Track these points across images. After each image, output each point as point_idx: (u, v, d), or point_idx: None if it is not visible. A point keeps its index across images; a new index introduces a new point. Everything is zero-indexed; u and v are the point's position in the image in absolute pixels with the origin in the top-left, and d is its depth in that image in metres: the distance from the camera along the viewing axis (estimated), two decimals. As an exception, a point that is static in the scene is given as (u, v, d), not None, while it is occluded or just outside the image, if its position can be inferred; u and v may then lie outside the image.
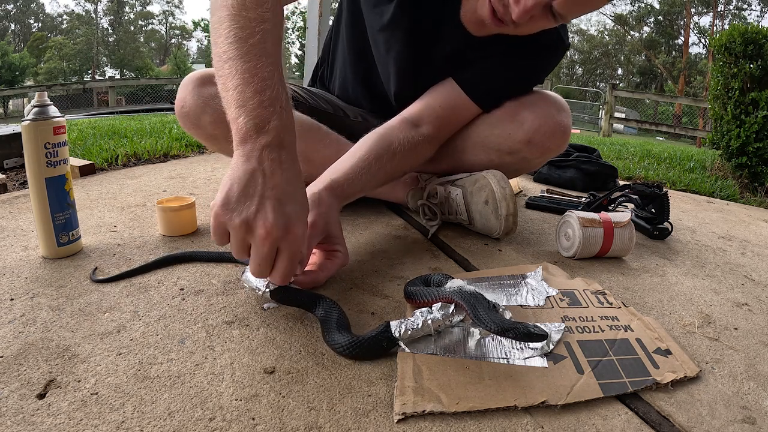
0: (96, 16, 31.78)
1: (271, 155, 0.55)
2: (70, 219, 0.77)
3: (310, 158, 0.95)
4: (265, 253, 0.54)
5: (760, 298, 0.82)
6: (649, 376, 0.54)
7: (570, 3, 0.70)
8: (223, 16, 0.59)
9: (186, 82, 0.89)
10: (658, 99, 14.10)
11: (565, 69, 32.06)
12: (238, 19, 0.58)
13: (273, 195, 0.54)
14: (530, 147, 0.93)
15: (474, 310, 0.55)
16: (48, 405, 0.46)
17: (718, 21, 22.78)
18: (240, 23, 0.58)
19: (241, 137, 0.56)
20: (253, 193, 0.54)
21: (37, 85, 16.66)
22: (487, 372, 0.53)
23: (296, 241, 0.55)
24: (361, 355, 0.55)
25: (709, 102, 2.52)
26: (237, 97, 0.56)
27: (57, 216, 0.75)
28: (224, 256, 0.80)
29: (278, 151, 0.56)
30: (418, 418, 0.47)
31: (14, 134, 1.49)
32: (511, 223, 0.90)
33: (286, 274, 0.57)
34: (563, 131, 0.93)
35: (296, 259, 0.57)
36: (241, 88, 0.56)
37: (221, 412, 0.46)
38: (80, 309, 0.62)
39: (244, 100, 0.56)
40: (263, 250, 0.54)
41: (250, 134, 0.55)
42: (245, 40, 0.57)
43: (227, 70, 0.57)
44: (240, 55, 0.57)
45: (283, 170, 0.55)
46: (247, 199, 0.53)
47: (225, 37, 0.59)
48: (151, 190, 1.21)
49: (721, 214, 1.45)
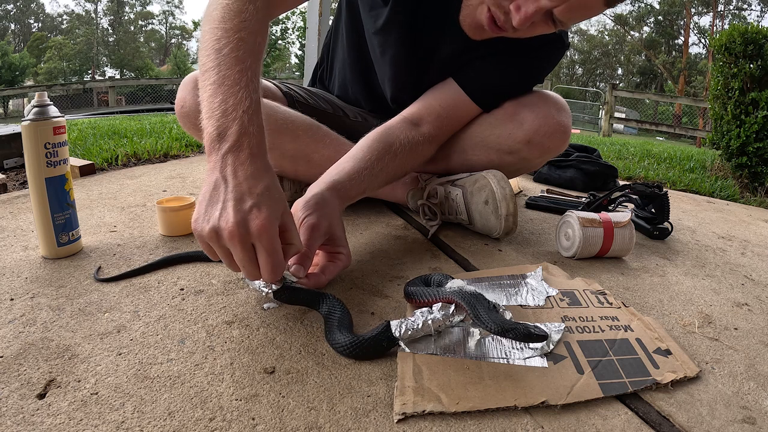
0: (96, 16, 31.79)
1: (231, 159, 0.55)
2: (70, 219, 0.77)
3: (310, 158, 0.95)
4: (241, 254, 0.54)
5: (760, 298, 0.82)
6: (649, 376, 0.54)
7: (570, 10, 0.70)
8: (207, 29, 0.62)
9: (186, 81, 0.89)
10: (658, 99, 14.09)
11: (565, 69, 32.06)
12: (216, 32, 0.60)
13: (232, 196, 0.54)
14: (530, 147, 0.93)
15: (474, 310, 0.55)
16: (48, 405, 0.46)
17: (718, 21, 22.79)
18: (217, 35, 0.60)
19: (208, 148, 0.57)
20: (216, 200, 0.54)
21: (37, 85, 16.67)
22: (487, 372, 0.53)
23: (265, 233, 0.54)
24: (361, 355, 0.55)
25: (709, 102, 2.52)
26: (206, 107, 0.58)
27: (57, 216, 0.75)
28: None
29: (237, 153, 0.56)
30: (418, 418, 0.47)
31: (14, 134, 1.49)
32: (511, 223, 0.90)
33: (272, 269, 0.55)
34: (563, 131, 0.93)
35: (273, 252, 0.55)
36: (210, 98, 0.57)
37: (221, 412, 0.46)
38: (80, 309, 0.62)
39: (211, 110, 0.57)
40: (237, 251, 0.54)
41: (214, 144, 0.56)
42: (219, 51, 0.59)
43: (203, 81, 0.59)
44: (213, 66, 0.58)
45: (244, 169, 0.55)
46: (212, 207, 0.54)
47: (204, 49, 0.61)
48: (151, 190, 1.21)
49: (721, 214, 1.45)
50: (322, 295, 0.64)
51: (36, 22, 32.50)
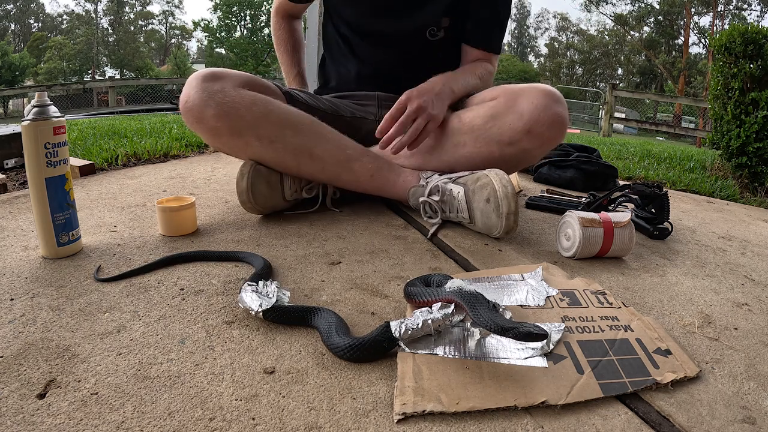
0: (96, 16, 31.76)
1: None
2: (70, 219, 0.77)
3: (312, 152, 0.97)
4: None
5: (760, 298, 0.82)
6: (649, 376, 0.54)
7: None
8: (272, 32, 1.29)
9: (191, 79, 0.93)
10: (658, 99, 14.10)
11: (565, 69, 32.07)
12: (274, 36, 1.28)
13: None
14: (530, 137, 0.96)
15: (474, 310, 0.55)
16: (48, 405, 0.46)
17: (718, 21, 22.78)
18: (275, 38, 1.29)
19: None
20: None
21: (37, 85, 16.65)
22: (487, 372, 0.53)
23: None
24: (362, 357, 0.55)
25: (709, 102, 2.52)
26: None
27: (57, 216, 0.75)
28: (230, 255, 0.80)
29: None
30: (419, 419, 0.47)
31: (14, 134, 1.49)
32: (512, 222, 0.91)
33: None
34: (561, 121, 0.96)
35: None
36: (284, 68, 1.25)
37: (221, 412, 0.46)
38: (80, 309, 0.62)
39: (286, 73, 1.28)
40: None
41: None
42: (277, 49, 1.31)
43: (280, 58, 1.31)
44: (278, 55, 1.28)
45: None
46: None
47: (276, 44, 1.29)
48: (151, 190, 1.21)
49: (721, 214, 1.45)
50: (313, 309, 0.62)
51: (36, 22, 32.48)
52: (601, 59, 30.85)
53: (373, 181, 1.03)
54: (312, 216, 1.04)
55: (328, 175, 1.02)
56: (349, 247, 0.88)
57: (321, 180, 1.05)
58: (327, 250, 0.87)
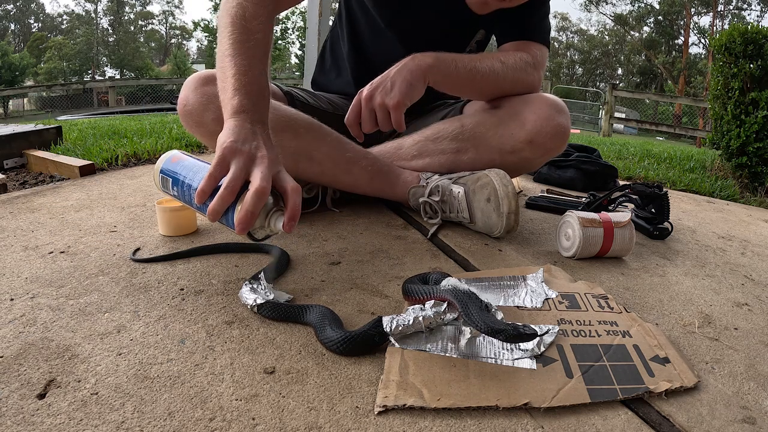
0: (96, 16, 31.78)
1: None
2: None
3: (312, 156, 0.96)
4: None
5: (760, 298, 0.82)
6: (642, 384, 0.52)
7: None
8: (227, 22, 0.76)
9: (188, 82, 0.91)
10: (658, 99, 14.09)
11: (565, 69, 32.07)
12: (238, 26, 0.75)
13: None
14: (532, 147, 0.96)
15: (465, 309, 0.56)
16: (48, 405, 0.46)
17: (718, 21, 22.78)
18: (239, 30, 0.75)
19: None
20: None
21: (37, 85, 16.66)
22: (474, 371, 0.53)
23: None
24: (353, 350, 0.55)
25: (709, 102, 2.52)
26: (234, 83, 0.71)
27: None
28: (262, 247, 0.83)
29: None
30: (418, 418, 0.47)
31: (14, 134, 1.49)
32: (513, 221, 0.91)
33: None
34: (563, 132, 0.96)
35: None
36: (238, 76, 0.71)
37: (221, 412, 0.46)
38: (80, 309, 0.62)
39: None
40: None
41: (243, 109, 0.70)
42: (243, 44, 0.74)
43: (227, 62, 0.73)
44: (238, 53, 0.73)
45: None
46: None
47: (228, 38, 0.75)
48: (151, 190, 1.21)
49: (721, 214, 1.45)
50: (307, 306, 0.63)
51: (36, 22, 32.49)
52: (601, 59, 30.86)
53: (372, 183, 1.03)
54: (312, 216, 1.04)
55: (328, 178, 1.01)
56: (349, 247, 0.88)
57: (320, 182, 1.04)
58: (327, 250, 0.87)
